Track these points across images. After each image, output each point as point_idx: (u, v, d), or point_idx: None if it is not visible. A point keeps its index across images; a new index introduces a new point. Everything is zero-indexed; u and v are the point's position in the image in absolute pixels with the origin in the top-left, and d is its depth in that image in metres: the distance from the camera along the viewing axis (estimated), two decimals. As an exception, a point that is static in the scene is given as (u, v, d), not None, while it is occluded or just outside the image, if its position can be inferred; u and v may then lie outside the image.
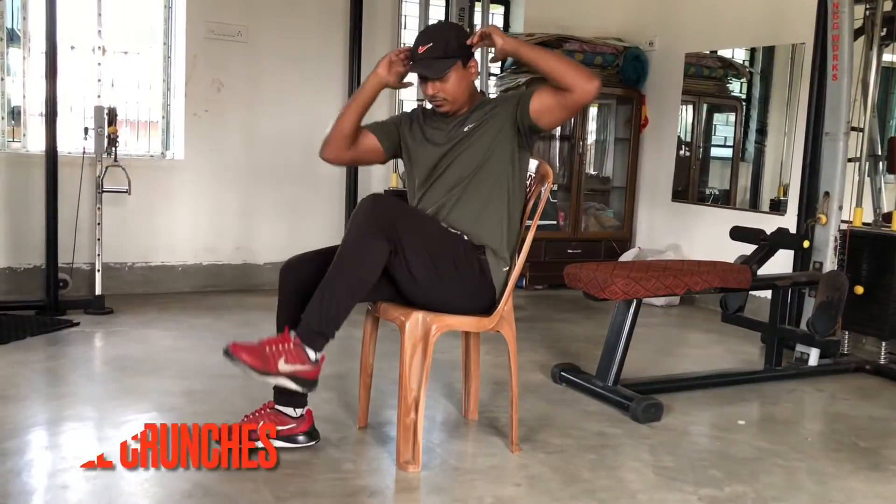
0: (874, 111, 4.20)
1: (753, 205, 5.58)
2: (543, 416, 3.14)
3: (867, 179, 4.26)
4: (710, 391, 3.61)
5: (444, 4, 5.71)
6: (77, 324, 4.28)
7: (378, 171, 5.83)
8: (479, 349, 3.03)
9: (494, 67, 6.24)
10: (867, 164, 4.20)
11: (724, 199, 5.85)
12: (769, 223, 4.43)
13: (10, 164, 4.84)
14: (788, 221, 4.67)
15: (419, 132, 2.79)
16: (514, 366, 2.77)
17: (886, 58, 4.38)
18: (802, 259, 4.26)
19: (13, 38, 4.91)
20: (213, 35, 5.25)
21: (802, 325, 4.00)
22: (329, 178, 5.65)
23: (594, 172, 6.56)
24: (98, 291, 4.61)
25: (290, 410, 2.64)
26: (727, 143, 6.06)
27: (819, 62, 4.26)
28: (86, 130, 4.62)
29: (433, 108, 2.77)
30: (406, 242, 2.46)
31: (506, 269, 2.66)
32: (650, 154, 6.27)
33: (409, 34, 5.88)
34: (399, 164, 5.79)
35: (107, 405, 3.09)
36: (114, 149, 4.59)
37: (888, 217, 4.17)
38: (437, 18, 5.70)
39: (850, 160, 4.04)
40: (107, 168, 4.61)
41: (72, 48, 4.97)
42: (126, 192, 4.68)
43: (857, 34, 4.04)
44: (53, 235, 4.55)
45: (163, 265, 5.27)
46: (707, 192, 6.09)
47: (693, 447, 2.94)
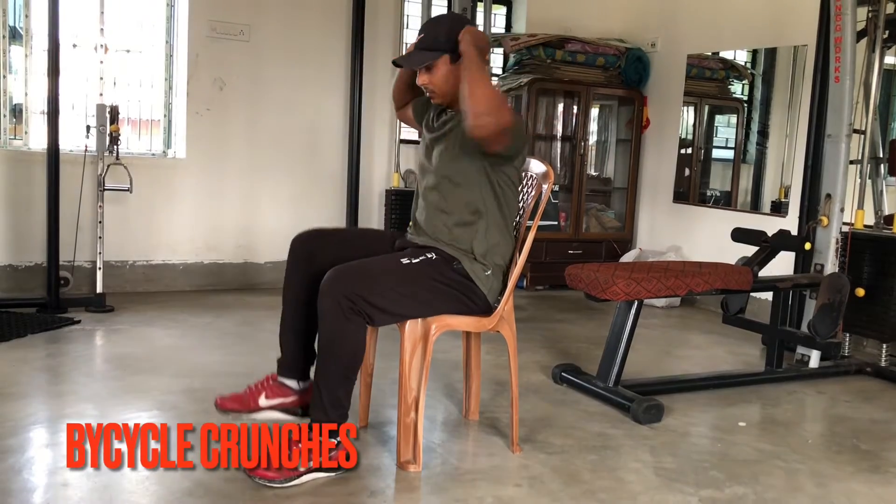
0: (876, 113, 4.20)
1: (755, 206, 5.58)
2: (544, 417, 3.14)
3: (868, 182, 4.26)
4: (711, 392, 3.61)
5: (447, 4, 5.70)
6: (78, 322, 4.28)
7: (379, 171, 5.83)
8: (480, 349, 3.03)
9: (496, 68, 6.26)
10: (869, 167, 4.21)
11: (726, 201, 5.85)
12: (770, 225, 4.42)
13: (12, 162, 4.84)
14: (790, 223, 4.67)
15: (427, 126, 2.83)
16: (515, 366, 2.77)
17: (889, 60, 4.39)
18: (804, 261, 4.26)
19: (15, 36, 4.91)
20: (216, 34, 5.25)
21: (803, 327, 4.00)
22: (330, 177, 5.65)
23: (595, 173, 6.56)
24: (99, 289, 4.61)
25: (293, 384, 2.64)
26: (729, 145, 6.06)
27: (821, 64, 4.27)
28: (88, 128, 4.62)
29: (435, 104, 2.78)
30: (379, 302, 2.43)
31: (488, 273, 2.61)
32: (651, 155, 6.27)
33: (412, 33, 5.88)
34: (400, 164, 5.79)
35: (107, 403, 3.09)
36: (115, 147, 4.59)
37: (889, 219, 4.17)
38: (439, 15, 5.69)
39: (852, 162, 4.04)
40: (108, 166, 4.61)
41: (74, 46, 4.97)
42: (127, 191, 4.69)
43: (860, 36, 4.04)
44: (55, 233, 4.56)
45: (164, 263, 5.27)
46: (708, 194, 6.09)
47: (694, 448, 2.94)
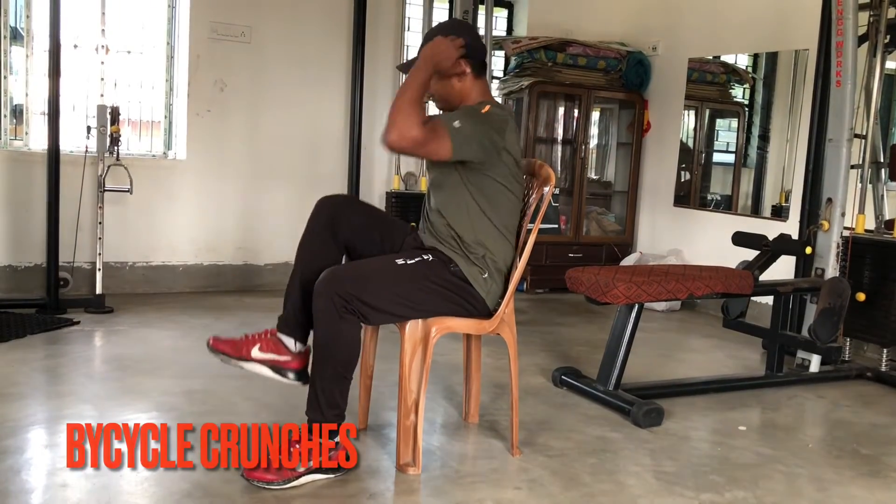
0: (877, 118, 4.20)
1: (755, 210, 5.58)
2: (544, 420, 3.14)
3: (869, 186, 4.26)
4: (711, 396, 3.60)
5: (448, 7, 5.71)
6: (77, 323, 4.28)
7: (380, 173, 5.83)
8: (480, 352, 3.03)
9: (497, 71, 6.26)
10: (869, 171, 4.20)
11: (727, 205, 5.85)
12: (771, 229, 4.42)
13: (13, 162, 4.84)
14: (790, 227, 4.67)
15: None
16: (515, 369, 2.76)
17: (890, 65, 4.39)
18: (804, 265, 4.26)
19: (16, 37, 4.91)
20: (217, 35, 5.25)
21: (804, 332, 4.00)
22: (331, 179, 5.65)
23: (596, 177, 6.56)
24: (99, 290, 4.60)
25: (291, 343, 2.58)
26: (729, 149, 6.06)
27: (822, 68, 4.26)
28: (88, 129, 4.62)
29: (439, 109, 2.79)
30: (374, 302, 2.43)
31: (485, 276, 2.61)
32: (652, 159, 6.27)
33: (413, 36, 5.89)
34: (400, 166, 5.79)
35: (106, 404, 3.08)
36: (116, 148, 4.59)
37: (890, 224, 4.17)
38: (441, 21, 5.70)
39: (853, 167, 4.04)
40: (109, 167, 4.61)
41: (75, 47, 4.97)
42: (128, 192, 4.69)
43: (861, 41, 4.04)
44: (55, 234, 4.55)
45: (164, 265, 5.27)
46: (709, 198, 6.09)
47: (694, 452, 2.93)
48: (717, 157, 6.18)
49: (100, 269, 4.64)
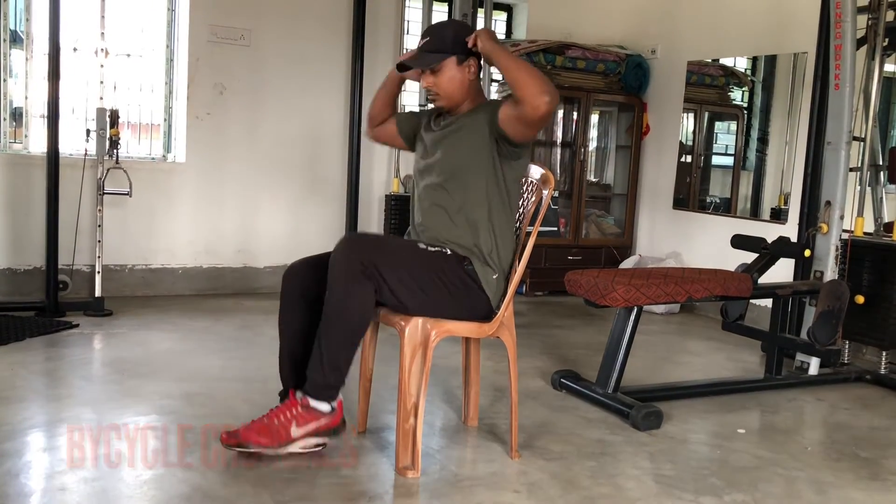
0: (875, 121, 4.20)
1: (754, 213, 5.58)
2: (543, 423, 3.14)
3: (868, 189, 4.27)
4: (710, 399, 3.60)
5: (447, 9, 5.72)
6: (76, 325, 4.28)
7: (379, 176, 5.84)
8: (480, 355, 3.03)
9: (497, 72, 6.26)
10: (868, 174, 4.21)
11: (725, 208, 5.85)
12: (770, 232, 4.43)
13: (12, 165, 4.84)
14: (789, 230, 4.67)
15: (425, 130, 2.83)
16: (514, 372, 2.76)
17: (888, 68, 4.39)
18: (803, 268, 4.26)
19: (16, 40, 4.92)
20: (216, 38, 5.26)
21: (803, 334, 4.00)
22: (330, 182, 5.65)
23: (595, 179, 6.57)
24: (98, 293, 4.60)
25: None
26: (728, 152, 6.07)
27: (821, 71, 4.27)
28: (87, 132, 4.62)
29: (437, 107, 2.78)
30: (388, 276, 2.46)
31: (495, 277, 2.63)
32: (651, 161, 6.27)
33: (412, 39, 5.89)
34: (400, 169, 5.80)
35: (105, 407, 3.08)
36: (115, 151, 4.59)
37: (889, 227, 4.17)
38: (440, 21, 5.71)
39: (852, 170, 4.04)
40: (108, 170, 4.61)
41: (74, 50, 4.97)
42: (127, 195, 4.68)
43: (860, 44, 4.05)
44: (54, 237, 4.55)
45: (163, 267, 5.27)
46: (708, 200, 6.10)
47: (693, 455, 2.93)
48: (716, 160, 6.19)
49: (99, 272, 4.63)
